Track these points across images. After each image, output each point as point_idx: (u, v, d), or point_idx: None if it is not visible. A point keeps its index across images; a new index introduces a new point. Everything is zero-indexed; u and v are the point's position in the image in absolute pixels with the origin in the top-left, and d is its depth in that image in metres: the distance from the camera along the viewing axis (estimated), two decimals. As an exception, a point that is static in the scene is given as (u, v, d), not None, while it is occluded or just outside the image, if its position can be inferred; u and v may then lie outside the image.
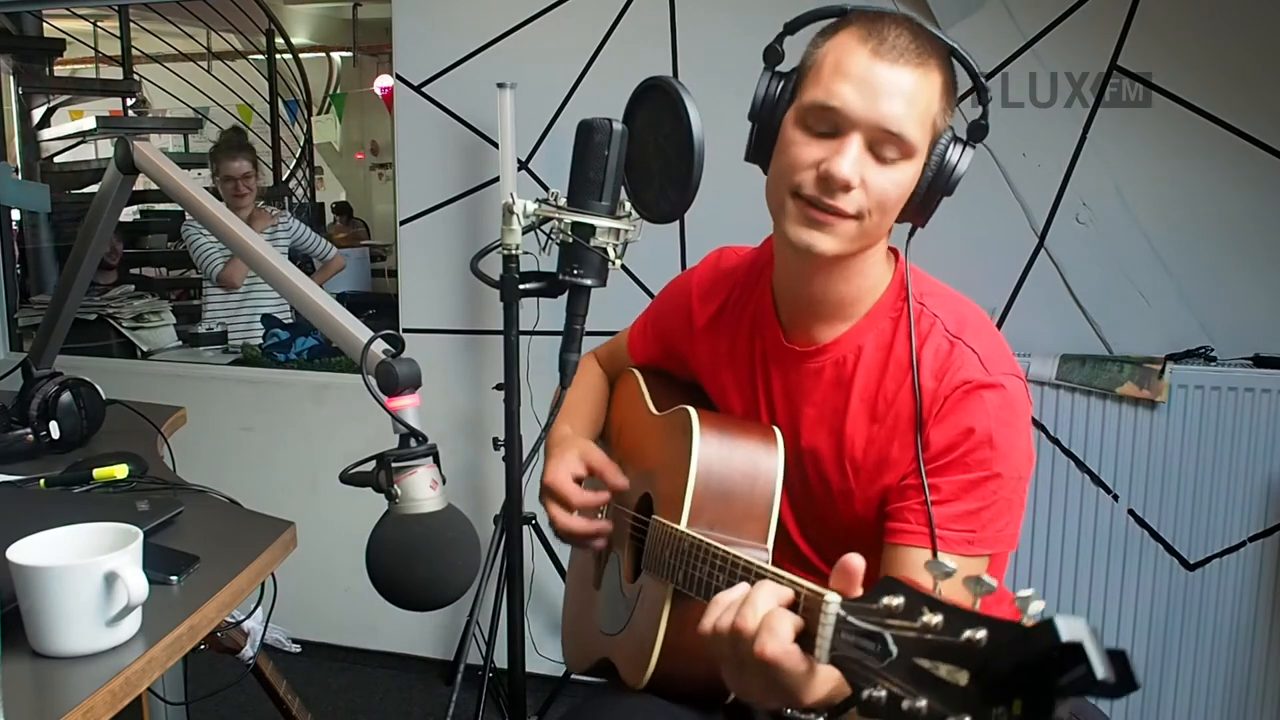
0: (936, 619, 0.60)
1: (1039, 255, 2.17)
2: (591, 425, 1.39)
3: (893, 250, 1.14)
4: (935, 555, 0.98)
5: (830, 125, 0.99)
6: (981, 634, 0.57)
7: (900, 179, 1.00)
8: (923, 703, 0.58)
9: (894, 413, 1.06)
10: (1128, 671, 0.51)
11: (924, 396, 1.03)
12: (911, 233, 1.09)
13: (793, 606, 0.76)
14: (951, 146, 1.02)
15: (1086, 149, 2.11)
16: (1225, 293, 2.09)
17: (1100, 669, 0.51)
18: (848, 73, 0.98)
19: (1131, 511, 2.08)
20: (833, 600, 0.71)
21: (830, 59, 1.01)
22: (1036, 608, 0.55)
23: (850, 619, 0.68)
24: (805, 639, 0.74)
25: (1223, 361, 2.05)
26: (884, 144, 0.98)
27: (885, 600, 0.64)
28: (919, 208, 1.04)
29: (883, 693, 0.62)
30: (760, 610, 0.77)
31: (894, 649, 0.62)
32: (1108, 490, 2.09)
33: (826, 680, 0.75)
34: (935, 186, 1.03)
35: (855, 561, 0.74)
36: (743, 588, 0.81)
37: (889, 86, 0.97)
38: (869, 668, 0.64)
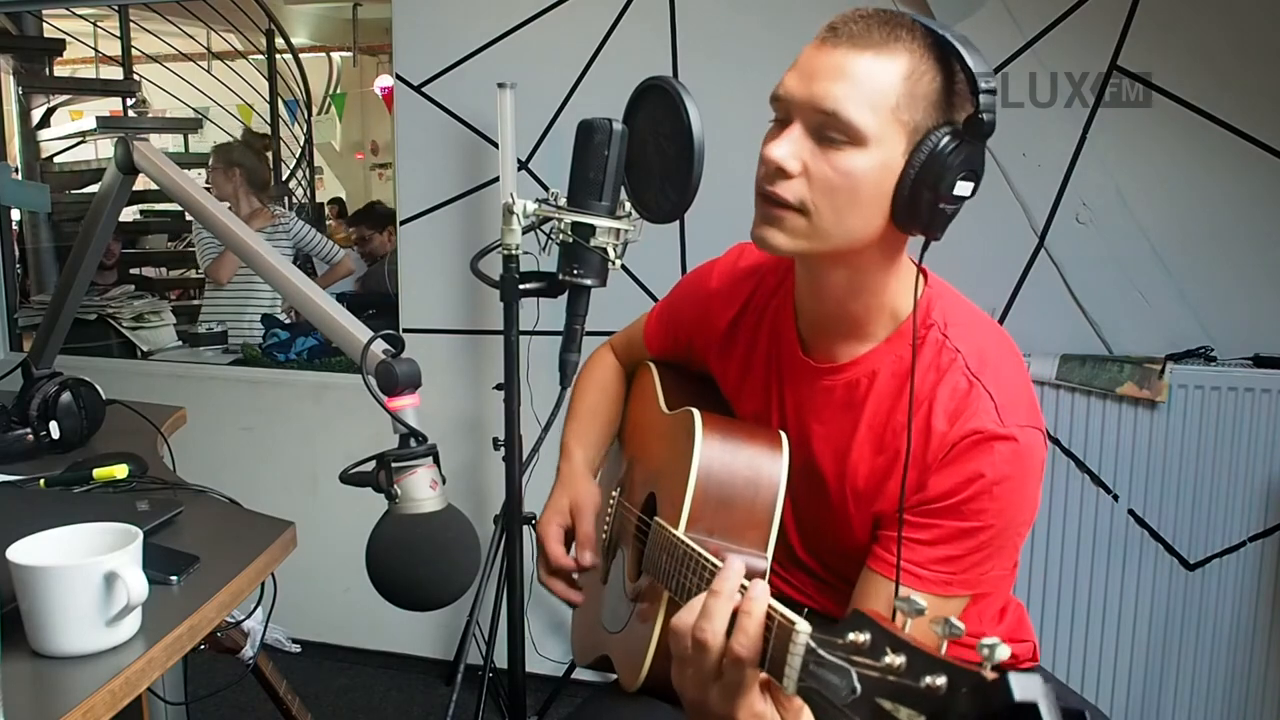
0: (899, 660, 0.59)
1: (1039, 255, 2.17)
2: (600, 442, 1.36)
3: (923, 271, 1.07)
4: (898, 589, 0.98)
5: (784, 114, 0.99)
6: (941, 680, 0.56)
7: (847, 166, 0.94)
8: None
9: (897, 447, 1.03)
10: None
11: (933, 438, 1.00)
12: (925, 246, 1.00)
13: (765, 631, 0.76)
14: (942, 140, 0.94)
15: (1086, 149, 2.11)
16: (1225, 293, 2.09)
17: None
18: (796, 62, 0.98)
19: (1131, 511, 2.08)
20: (803, 630, 0.70)
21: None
22: (1002, 654, 0.54)
23: (819, 651, 0.67)
24: (774, 667, 0.73)
25: (1223, 361, 2.05)
26: (826, 127, 0.95)
27: (852, 635, 0.63)
28: (909, 209, 0.96)
29: None
30: (728, 596, 0.79)
31: (858, 686, 0.61)
32: (1108, 490, 2.09)
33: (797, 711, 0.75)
34: (921, 183, 0.94)
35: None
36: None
37: (827, 68, 0.95)
38: (833, 703, 0.63)
